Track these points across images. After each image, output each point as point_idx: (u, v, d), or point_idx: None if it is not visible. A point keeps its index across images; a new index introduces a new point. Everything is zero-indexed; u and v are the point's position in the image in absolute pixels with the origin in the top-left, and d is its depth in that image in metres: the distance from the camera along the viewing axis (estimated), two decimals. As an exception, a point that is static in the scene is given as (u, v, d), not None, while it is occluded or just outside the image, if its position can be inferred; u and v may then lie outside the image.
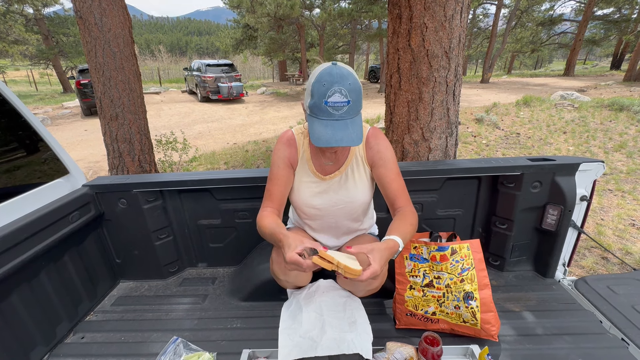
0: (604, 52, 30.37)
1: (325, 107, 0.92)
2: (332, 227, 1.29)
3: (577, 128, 5.71)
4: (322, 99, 0.92)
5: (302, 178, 1.22)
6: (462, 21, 1.93)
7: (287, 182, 1.20)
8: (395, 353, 1.12)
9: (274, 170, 1.19)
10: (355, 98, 0.94)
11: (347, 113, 0.93)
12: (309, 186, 1.21)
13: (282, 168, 1.18)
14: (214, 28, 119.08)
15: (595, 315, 1.35)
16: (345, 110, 0.93)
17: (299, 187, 1.22)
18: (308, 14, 15.85)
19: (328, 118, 0.94)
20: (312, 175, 1.21)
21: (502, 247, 1.66)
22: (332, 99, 0.91)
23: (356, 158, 1.20)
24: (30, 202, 1.33)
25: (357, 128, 0.96)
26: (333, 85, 0.90)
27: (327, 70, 0.92)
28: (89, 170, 5.18)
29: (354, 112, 0.95)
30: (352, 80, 0.92)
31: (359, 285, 1.20)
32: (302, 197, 1.22)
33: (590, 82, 13.95)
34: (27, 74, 23.40)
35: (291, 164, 1.21)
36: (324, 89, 0.91)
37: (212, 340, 1.33)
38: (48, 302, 1.35)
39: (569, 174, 1.49)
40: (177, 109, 11.31)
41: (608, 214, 3.05)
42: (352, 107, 0.94)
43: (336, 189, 1.20)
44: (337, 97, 0.91)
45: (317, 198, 1.21)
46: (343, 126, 0.93)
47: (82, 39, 3.25)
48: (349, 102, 0.92)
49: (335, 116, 0.93)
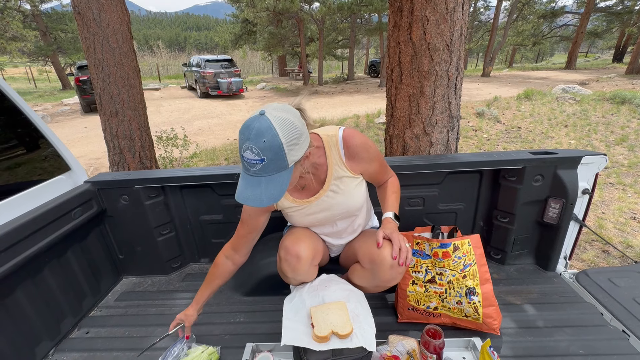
0: (606, 45, 30.07)
1: (243, 160, 0.88)
2: (334, 231, 1.29)
3: (579, 121, 5.69)
4: (240, 151, 0.88)
5: (284, 208, 1.20)
6: (463, 14, 1.91)
7: (259, 229, 1.20)
8: (398, 346, 1.13)
9: (245, 217, 1.17)
10: (271, 156, 0.85)
11: (261, 171, 0.87)
12: (296, 211, 1.19)
13: (254, 217, 1.16)
14: (212, 23, 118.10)
15: (597, 307, 1.36)
16: (259, 168, 0.86)
17: (287, 213, 1.22)
18: (307, 8, 15.70)
19: (245, 172, 0.90)
20: (293, 204, 1.18)
21: (503, 241, 1.67)
22: (245, 154, 0.86)
23: (336, 172, 1.12)
24: (32, 199, 1.33)
25: (272, 187, 0.88)
26: (245, 142, 0.84)
27: (248, 122, 0.86)
28: (89, 167, 5.18)
29: (271, 170, 0.87)
30: (269, 137, 0.83)
31: (379, 282, 1.18)
32: (294, 221, 1.24)
33: (592, 75, 13.86)
34: (26, 71, 23.27)
35: (266, 208, 1.18)
36: (240, 143, 0.86)
37: (216, 335, 1.34)
38: (52, 298, 1.36)
39: (571, 167, 1.48)
40: (176, 105, 11.27)
41: (609, 207, 3.05)
42: (268, 166, 0.86)
43: (327, 206, 1.17)
44: (249, 154, 0.85)
45: (309, 218, 1.20)
46: (255, 183, 0.88)
47: (81, 34, 3.23)
48: (262, 160, 0.85)
49: (250, 171, 0.88)
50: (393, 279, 1.15)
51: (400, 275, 1.14)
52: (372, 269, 1.16)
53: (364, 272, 1.23)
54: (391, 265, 1.09)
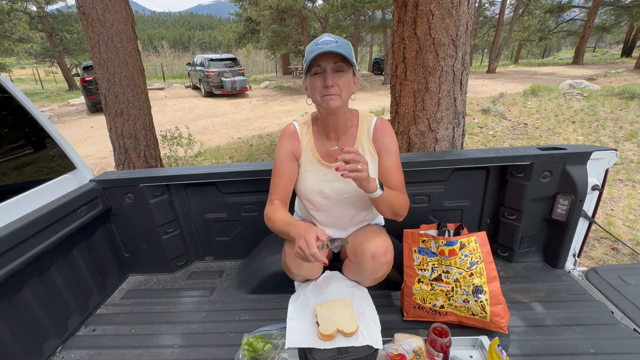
0: (615, 39, 29.55)
1: (316, 47, 0.99)
2: (339, 217, 1.28)
3: (587, 117, 5.60)
4: (313, 44, 1.01)
5: (307, 167, 1.21)
6: (469, 8, 1.88)
7: (292, 175, 1.21)
8: (404, 344, 1.12)
9: (277, 164, 1.20)
10: (343, 43, 1.01)
11: (337, 48, 0.98)
12: (315, 174, 1.20)
13: (286, 161, 1.19)
14: (216, 22, 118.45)
15: (607, 305, 1.33)
16: (334, 45, 0.98)
17: (305, 176, 1.22)
18: (310, 5, 15.64)
19: (319, 51, 0.99)
20: (317, 164, 1.20)
21: (510, 238, 1.64)
22: (321, 40, 1.01)
23: (362, 147, 1.19)
24: (39, 198, 1.34)
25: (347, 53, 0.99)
26: (322, 35, 1.03)
27: None
28: (95, 167, 5.23)
29: (343, 51, 0.98)
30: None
31: (365, 275, 1.20)
32: (308, 186, 1.22)
33: (600, 70, 13.63)
34: (33, 72, 23.55)
35: (295, 156, 1.21)
36: (315, 40, 1.03)
37: (221, 332, 1.34)
38: (59, 296, 1.37)
39: (580, 162, 1.46)
40: (181, 105, 11.32)
41: (618, 204, 3.00)
42: (342, 47, 0.99)
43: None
44: (326, 37, 1.01)
45: (323, 186, 1.20)
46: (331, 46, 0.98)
47: (85, 35, 3.25)
48: (337, 42, 1.00)
49: (325, 49, 0.98)
50: (377, 271, 1.15)
51: (384, 266, 1.14)
52: (356, 261, 1.18)
53: (351, 265, 1.27)
54: (372, 256, 1.11)
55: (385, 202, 1.08)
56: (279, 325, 1.24)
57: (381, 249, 1.11)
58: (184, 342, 1.31)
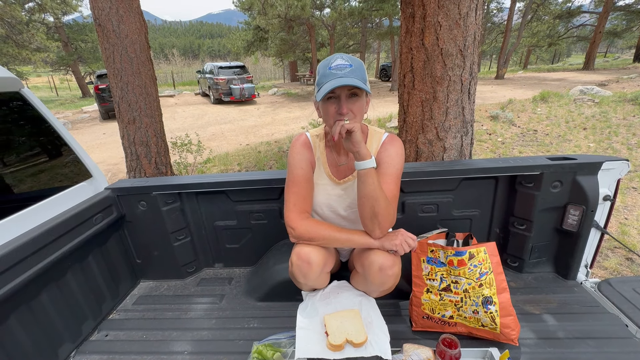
0: (626, 44, 29.10)
1: (329, 72, 1.00)
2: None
3: (598, 124, 5.52)
4: (326, 67, 1.01)
5: (318, 181, 1.23)
6: (477, 18, 1.90)
7: (313, 185, 1.22)
8: (412, 355, 1.12)
9: (298, 172, 1.18)
10: (357, 65, 1.01)
11: (351, 73, 0.99)
12: (324, 189, 1.22)
13: (307, 169, 1.19)
14: (225, 30, 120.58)
15: (621, 318, 1.31)
16: (348, 70, 0.99)
17: (316, 189, 1.23)
18: (318, 13, 15.84)
19: (333, 78, 1.00)
20: (327, 179, 1.22)
21: (520, 248, 1.63)
22: (334, 63, 1.01)
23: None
24: (57, 205, 1.38)
25: (361, 82, 1.00)
26: (334, 56, 1.03)
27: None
28: (108, 173, 5.34)
29: (356, 75, 0.99)
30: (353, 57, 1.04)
31: (372, 286, 1.20)
32: (317, 199, 1.24)
33: (611, 75, 13.42)
34: (48, 80, 24.27)
35: (312, 166, 1.22)
36: (327, 61, 1.03)
37: (230, 340, 1.36)
38: (74, 301, 1.41)
39: (591, 173, 1.44)
40: (190, 112, 11.51)
41: (632, 213, 2.94)
42: (354, 71, 1.00)
43: (351, 193, 1.21)
44: (339, 61, 1.01)
45: (332, 201, 1.22)
46: (346, 79, 0.99)
47: (101, 45, 3.36)
48: (351, 65, 1.00)
49: (339, 75, 0.99)
50: (384, 283, 1.15)
51: (391, 279, 1.13)
52: (364, 273, 1.18)
53: (359, 277, 1.26)
54: (380, 269, 1.10)
55: (370, 188, 1.04)
56: (288, 333, 1.25)
57: (389, 262, 1.11)
58: (194, 348, 1.33)
